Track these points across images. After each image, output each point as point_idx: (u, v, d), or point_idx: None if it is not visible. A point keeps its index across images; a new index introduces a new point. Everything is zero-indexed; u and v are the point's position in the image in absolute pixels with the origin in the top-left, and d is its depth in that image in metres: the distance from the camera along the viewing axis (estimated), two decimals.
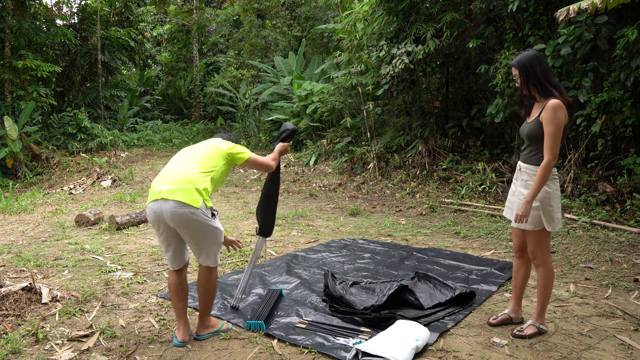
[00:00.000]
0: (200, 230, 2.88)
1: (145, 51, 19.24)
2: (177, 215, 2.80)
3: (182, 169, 2.95)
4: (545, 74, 2.92)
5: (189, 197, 2.80)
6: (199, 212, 2.82)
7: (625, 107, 5.99)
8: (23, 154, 11.66)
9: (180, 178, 2.87)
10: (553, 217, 2.93)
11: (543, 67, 2.93)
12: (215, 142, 3.19)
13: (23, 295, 3.58)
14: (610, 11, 5.76)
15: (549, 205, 2.91)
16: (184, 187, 2.82)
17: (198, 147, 3.19)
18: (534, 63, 2.93)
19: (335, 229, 6.34)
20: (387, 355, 2.64)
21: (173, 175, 2.92)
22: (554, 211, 2.93)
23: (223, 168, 3.08)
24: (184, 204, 2.79)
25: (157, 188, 2.89)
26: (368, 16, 9.10)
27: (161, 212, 2.83)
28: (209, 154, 3.06)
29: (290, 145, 3.52)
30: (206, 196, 2.89)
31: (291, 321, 3.31)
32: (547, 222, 2.92)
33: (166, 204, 2.80)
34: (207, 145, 3.16)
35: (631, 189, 6.12)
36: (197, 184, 2.86)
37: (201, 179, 2.90)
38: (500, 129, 8.42)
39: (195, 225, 2.84)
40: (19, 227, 6.63)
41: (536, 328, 3.06)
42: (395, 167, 9.32)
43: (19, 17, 12.49)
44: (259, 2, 18.72)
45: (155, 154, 13.75)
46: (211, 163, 3.02)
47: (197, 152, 3.09)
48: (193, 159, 3.03)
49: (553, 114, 2.83)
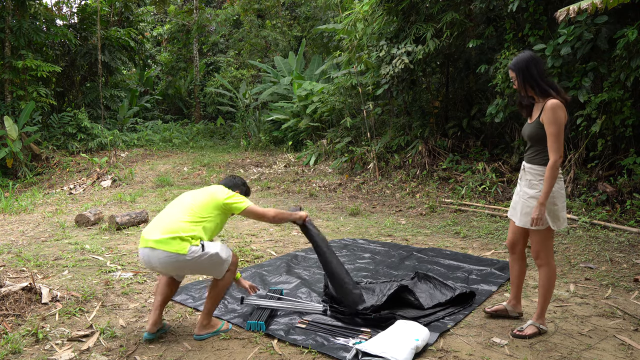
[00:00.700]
0: (195, 266, 2.98)
1: (145, 51, 19.24)
2: (166, 263, 2.92)
3: (172, 218, 2.99)
4: (541, 74, 2.94)
5: (174, 246, 2.88)
6: (186, 257, 2.90)
7: (625, 107, 5.99)
8: (23, 154, 11.66)
9: (168, 227, 2.93)
10: (558, 216, 2.94)
11: (539, 67, 2.94)
12: (215, 190, 3.16)
13: (23, 295, 3.58)
14: (610, 11, 5.76)
15: (554, 204, 2.92)
16: (170, 237, 2.89)
17: (196, 194, 3.17)
18: (529, 64, 2.95)
19: (335, 229, 6.34)
20: (387, 355, 2.64)
21: (163, 223, 2.97)
22: (558, 210, 2.94)
23: (218, 218, 3.09)
24: (170, 253, 2.88)
25: (147, 236, 2.96)
26: (368, 16, 9.10)
27: (149, 260, 2.95)
28: (203, 203, 3.06)
29: (302, 218, 3.42)
30: (194, 239, 2.94)
31: (291, 321, 3.31)
32: (552, 221, 2.93)
33: (153, 253, 2.91)
34: (205, 193, 3.14)
35: (631, 189, 6.12)
36: (182, 233, 2.90)
37: (189, 227, 2.94)
38: (500, 129, 8.42)
39: (188, 265, 2.96)
40: (19, 227, 6.63)
41: (536, 328, 3.06)
42: (395, 167, 9.32)
43: (19, 17, 12.49)
44: (259, 2, 18.73)
45: (155, 154, 13.75)
46: (204, 213, 3.03)
47: (192, 200, 3.09)
48: (186, 207, 3.04)
49: (553, 114, 2.85)
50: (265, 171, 11.26)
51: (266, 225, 6.49)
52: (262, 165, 12.02)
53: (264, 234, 6.08)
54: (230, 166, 11.95)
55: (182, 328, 3.29)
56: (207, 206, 3.05)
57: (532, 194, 2.97)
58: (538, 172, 2.96)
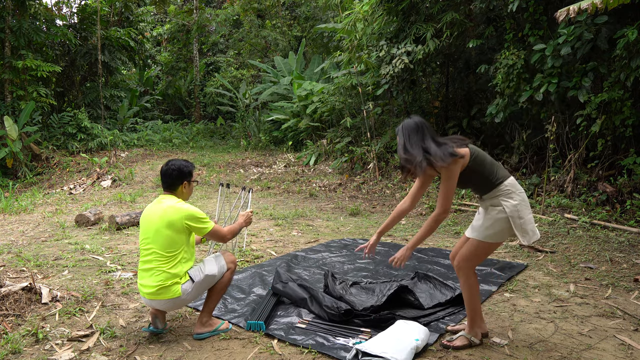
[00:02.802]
0: (196, 293, 3.08)
1: (145, 51, 19.23)
2: (169, 306, 3.06)
3: (151, 272, 2.96)
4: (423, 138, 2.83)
5: (167, 294, 2.95)
6: (181, 297, 3.00)
7: (625, 107, 5.99)
8: (23, 154, 11.66)
9: (153, 280, 2.95)
10: (526, 229, 2.79)
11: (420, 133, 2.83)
12: (164, 220, 2.95)
13: (23, 295, 3.58)
14: (610, 11, 5.76)
15: (519, 218, 2.78)
16: (159, 288, 2.94)
17: (154, 233, 2.97)
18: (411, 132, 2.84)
19: (335, 229, 6.34)
20: (387, 355, 2.64)
21: (147, 278, 2.98)
22: (525, 223, 2.79)
23: (185, 239, 3.02)
24: (167, 300, 2.98)
25: (141, 285, 3.03)
26: (368, 16, 9.10)
27: (152, 304, 3.05)
28: (164, 242, 2.95)
29: (249, 217, 3.51)
30: (182, 277, 2.99)
31: (291, 321, 3.31)
32: (521, 236, 2.79)
33: (153, 302, 3.02)
34: (159, 229, 2.95)
35: (631, 189, 6.12)
36: (168, 281, 2.94)
37: (169, 270, 2.95)
38: (500, 129, 8.42)
39: (190, 297, 3.06)
40: (19, 227, 6.63)
41: (467, 340, 2.92)
42: (395, 167, 9.32)
43: (19, 17, 12.49)
44: (259, 2, 18.74)
45: (155, 154, 13.74)
46: (172, 249, 2.96)
47: (154, 244, 2.96)
48: (154, 254, 2.96)
49: (447, 170, 2.75)
50: (265, 171, 11.26)
51: (266, 225, 6.50)
52: (262, 165, 12.02)
53: (264, 234, 6.08)
54: (230, 166, 11.95)
55: (182, 328, 3.29)
56: (172, 241, 2.95)
57: (494, 213, 2.82)
58: (491, 197, 2.84)
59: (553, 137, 6.59)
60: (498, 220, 2.80)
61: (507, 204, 2.78)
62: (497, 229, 2.80)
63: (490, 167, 2.84)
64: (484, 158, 2.85)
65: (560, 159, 7.05)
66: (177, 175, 3.08)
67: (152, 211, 3.05)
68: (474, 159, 2.80)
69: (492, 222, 2.81)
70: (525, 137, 7.56)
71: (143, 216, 3.10)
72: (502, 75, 7.02)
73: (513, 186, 2.84)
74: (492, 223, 2.81)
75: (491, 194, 2.84)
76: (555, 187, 6.88)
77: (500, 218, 2.79)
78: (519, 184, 2.94)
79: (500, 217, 2.79)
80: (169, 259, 2.96)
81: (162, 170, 3.12)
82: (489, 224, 2.82)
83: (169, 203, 3.02)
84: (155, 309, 3.09)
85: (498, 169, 2.87)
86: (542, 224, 5.98)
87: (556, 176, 6.92)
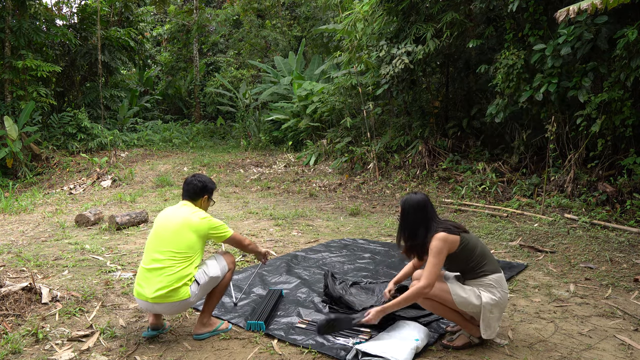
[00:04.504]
0: (201, 294, 3.06)
1: (145, 51, 19.24)
2: (173, 310, 3.03)
3: (162, 272, 2.92)
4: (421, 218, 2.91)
5: (176, 297, 2.92)
6: (190, 299, 2.98)
7: (625, 107, 5.99)
8: (23, 154, 11.66)
9: (162, 283, 2.89)
10: (490, 325, 2.82)
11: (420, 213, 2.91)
12: (188, 222, 3.02)
13: (23, 295, 3.58)
14: (610, 11, 5.76)
15: (490, 312, 2.80)
16: (168, 291, 2.89)
17: (173, 233, 3.01)
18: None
19: (335, 229, 6.34)
20: (387, 355, 2.64)
21: (154, 279, 2.92)
22: (493, 319, 2.82)
23: (202, 246, 3.08)
24: (174, 303, 2.94)
25: (142, 291, 2.95)
26: (368, 16, 9.10)
27: (152, 309, 3.00)
28: (183, 243, 2.98)
29: (264, 255, 3.51)
30: (190, 282, 2.97)
31: (291, 321, 3.31)
32: (483, 328, 2.82)
33: (156, 306, 2.96)
34: (181, 230, 3.00)
35: (631, 189, 6.12)
36: (178, 283, 2.91)
37: (180, 272, 2.93)
38: (500, 129, 8.42)
39: (191, 304, 3.05)
40: (19, 227, 6.63)
41: (467, 338, 2.93)
42: (395, 167, 9.32)
43: (19, 17, 12.49)
44: (259, 2, 18.73)
45: (155, 154, 13.74)
46: (190, 251, 3.00)
47: (171, 244, 2.98)
48: (169, 253, 2.96)
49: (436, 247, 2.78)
50: (265, 171, 11.26)
51: (266, 225, 6.50)
52: (262, 165, 12.02)
53: (264, 234, 6.08)
54: (230, 166, 11.95)
55: (182, 328, 3.29)
56: (189, 244, 2.99)
57: (472, 292, 2.83)
58: (472, 284, 2.87)
59: (553, 137, 6.59)
60: (471, 298, 2.81)
61: (485, 295, 2.80)
62: (467, 303, 2.81)
63: (479, 258, 2.85)
64: (473, 249, 2.85)
65: (560, 159, 7.05)
66: (201, 188, 3.20)
67: (174, 214, 3.10)
68: (462, 248, 2.82)
69: (467, 296, 2.82)
70: (525, 137, 7.57)
71: (162, 217, 3.12)
72: (502, 75, 7.02)
73: (498, 282, 2.84)
74: (467, 297, 2.81)
75: (472, 282, 2.88)
76: (555, 187, 6.88)
77: (474, 300, 2.80)
78: (505, 279, 2.92)
79: (474, 300, 2.80)
80: (184, 260, 2.96)
81: (186, 180, 3.22)
82: (463, 293, 2.82)
83: (194, 210, 3.12)
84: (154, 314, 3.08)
85: (488, 262, 2.87)
86: (542, 224, 5.98)
87: (556, 176, 6.92)
